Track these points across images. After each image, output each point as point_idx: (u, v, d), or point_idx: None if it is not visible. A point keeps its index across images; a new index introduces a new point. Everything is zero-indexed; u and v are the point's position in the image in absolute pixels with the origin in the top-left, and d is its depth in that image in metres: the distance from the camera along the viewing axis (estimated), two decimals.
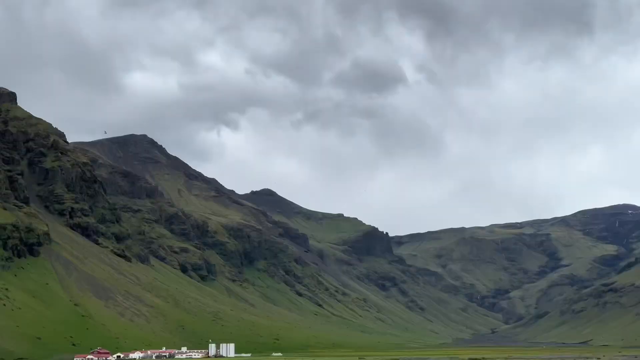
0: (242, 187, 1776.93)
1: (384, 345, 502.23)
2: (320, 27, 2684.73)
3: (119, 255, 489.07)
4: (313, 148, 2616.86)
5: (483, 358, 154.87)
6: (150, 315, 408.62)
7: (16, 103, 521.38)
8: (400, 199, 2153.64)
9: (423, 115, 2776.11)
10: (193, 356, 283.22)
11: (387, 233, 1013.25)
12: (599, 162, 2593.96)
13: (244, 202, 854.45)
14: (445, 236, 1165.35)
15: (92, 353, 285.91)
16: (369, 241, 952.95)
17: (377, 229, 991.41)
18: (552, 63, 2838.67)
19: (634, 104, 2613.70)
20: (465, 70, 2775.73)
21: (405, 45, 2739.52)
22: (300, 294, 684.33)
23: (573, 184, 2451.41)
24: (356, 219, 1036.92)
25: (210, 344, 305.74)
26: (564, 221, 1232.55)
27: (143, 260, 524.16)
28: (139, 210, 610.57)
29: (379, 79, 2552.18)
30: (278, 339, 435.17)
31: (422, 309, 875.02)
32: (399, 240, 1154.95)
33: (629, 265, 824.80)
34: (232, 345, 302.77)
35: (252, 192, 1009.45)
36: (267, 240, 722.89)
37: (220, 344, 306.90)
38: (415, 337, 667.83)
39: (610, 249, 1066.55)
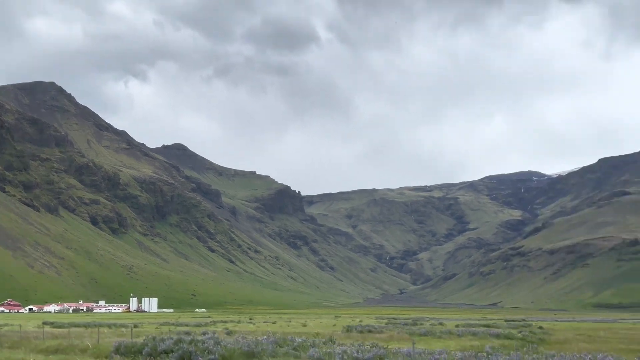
0: (152, 141, 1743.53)
1: (302, 304, 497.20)
2: None
3: (26, 204, 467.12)
4: (224, 104, 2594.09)
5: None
6: (61, 267, 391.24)
7: None
8: (311, 159, 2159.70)
9: (334, 75, 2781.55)
10: (113, 310, 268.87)
11: (299, 192, 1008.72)
12: (504, 129, 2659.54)
13: (156, 155, 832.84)
14: (356, 197, 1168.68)
15: (3, 305, 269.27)
16: (281, 199, 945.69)
17: (289, 187, 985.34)
18: (460, 30, 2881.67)
19: (538, 73, 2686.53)
20: (376, 32, 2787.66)
21: (316, 3, 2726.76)
22: (212, 250, 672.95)
23: (479, 149, 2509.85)
24: (268, 176, 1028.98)
25: (131, 298, 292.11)
26: (471, 186, 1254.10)
27: (52, 210, 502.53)
28: (47, 159, 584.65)
29: (290, 36, 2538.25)
30: (195, 295, 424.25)
31: (332, 268, 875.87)
32: (311, 200, 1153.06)
33: (535, 230, 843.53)
34: (154, 300, 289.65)
35: (164, 146, 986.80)
36: (179, 195, 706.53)
37: (142, 299, 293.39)
38: (327, 296, 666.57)
39: (516, 214, 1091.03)
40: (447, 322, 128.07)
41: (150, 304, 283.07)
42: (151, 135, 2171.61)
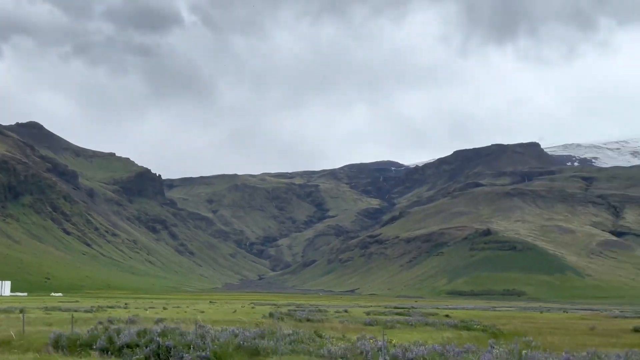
0: (5, 118, 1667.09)
1: (161, 289, 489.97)
2: None
3: None
4: (82, 83, 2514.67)
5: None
6: None
7: None
8: (173, 142, 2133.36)
9: (197, 59, 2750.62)
10: None
11: (159, 175, 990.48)
12: (365, 119, 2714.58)
13: (9, 133, 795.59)
14: (217, 182, 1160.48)
15: None
16: (140, 182, 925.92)
17: (149, 170, 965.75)
18: (324, 19, 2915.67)
19: (397, 66, 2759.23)
20: (241, 17, 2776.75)
21: None
22: (68, 233, 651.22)
23: (340, 138, 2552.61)
24: (128, 159, 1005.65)
25: None
26: (332, 174, 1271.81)
27: None
28: None
29: (153, 16, 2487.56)
30: (49, 278, 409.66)
31: (191, 253, 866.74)
32: (171, 184, 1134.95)
33: (393, 219, 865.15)
34: (7, 283, 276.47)
35: (18, 124, 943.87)
36: (34, 175, 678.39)
37: None
38: (185, 281, 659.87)
39: (374, 203, 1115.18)
40: (344, 309, 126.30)
41: (3, 287, 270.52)
42: (4, 112, 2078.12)
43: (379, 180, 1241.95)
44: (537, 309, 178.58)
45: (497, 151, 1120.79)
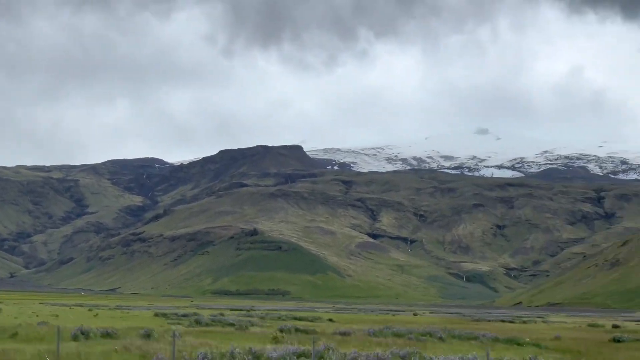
0: None
1: None
2: None
3: None
4: None
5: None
6: None
7: None
8: None
9: None
10: None
11: None
12: (128, 114, 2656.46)
13: None
14: None
15: None
16: None
17: None
18: (86, 8, 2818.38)
19: (162, 62, 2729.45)
20: None
21: None
22: None
23: (102, 132, 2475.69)
24: None
25: None
26: (93, 169, 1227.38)
27: None
28: None
29: None
30: None
31: None
32: None
33: (157, 217, 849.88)
34: None
35: None
36: None
37: None
38: None
39: (137, 200, 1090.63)
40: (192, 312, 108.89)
41: None
42: None
43: (143, 177, 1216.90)
44: (364, 310, 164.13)
45: (262, 152, 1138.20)
